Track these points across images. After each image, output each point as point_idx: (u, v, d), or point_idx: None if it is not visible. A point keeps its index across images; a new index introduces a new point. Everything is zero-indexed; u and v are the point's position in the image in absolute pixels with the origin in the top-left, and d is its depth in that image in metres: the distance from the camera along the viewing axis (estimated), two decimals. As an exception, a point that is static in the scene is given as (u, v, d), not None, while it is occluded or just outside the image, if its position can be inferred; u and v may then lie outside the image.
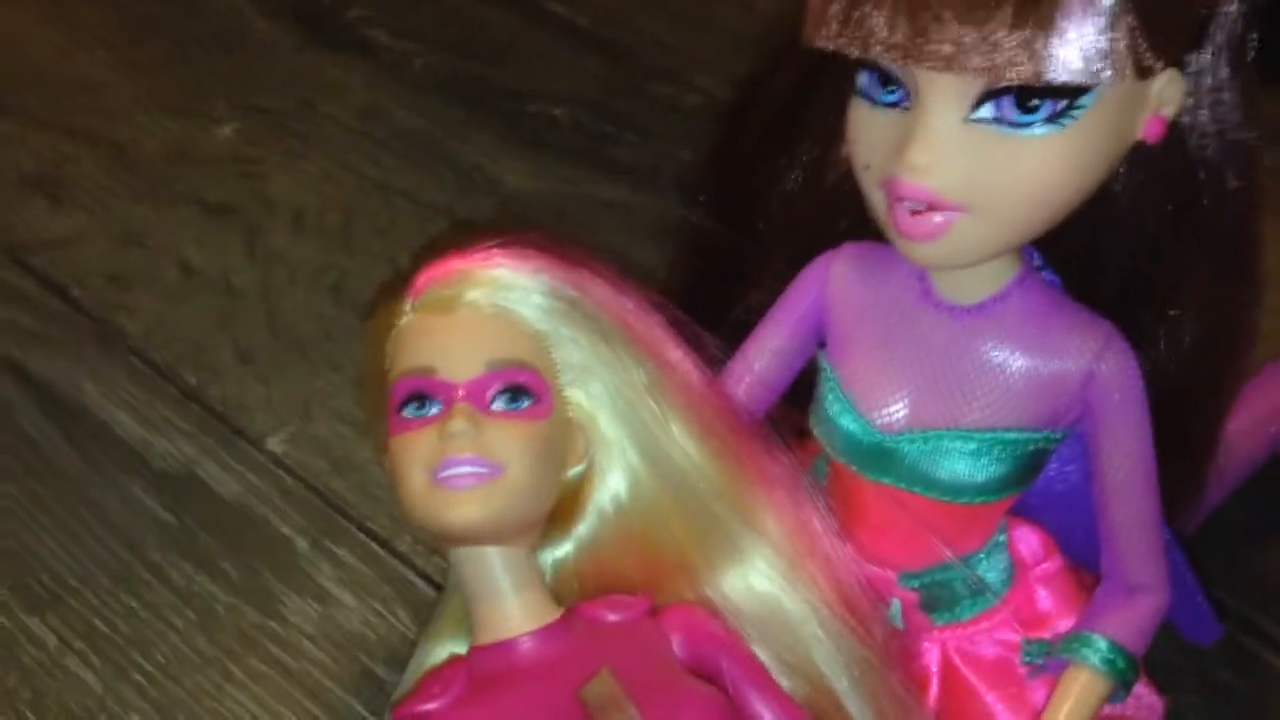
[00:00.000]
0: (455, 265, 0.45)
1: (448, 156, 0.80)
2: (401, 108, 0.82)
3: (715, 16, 0.88)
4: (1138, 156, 0.44)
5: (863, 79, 0.43)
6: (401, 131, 0.81)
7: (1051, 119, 0.40)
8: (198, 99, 0.82)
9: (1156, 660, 0.54)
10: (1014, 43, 0.38)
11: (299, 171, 0.78)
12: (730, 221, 0.54)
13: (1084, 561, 0.50)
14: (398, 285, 0.46)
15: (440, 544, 0.47)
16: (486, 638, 0.44)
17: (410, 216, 0.76)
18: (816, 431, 0.48)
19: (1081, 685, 0.47)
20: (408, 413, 0.44)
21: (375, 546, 0.62)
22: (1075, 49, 0.39)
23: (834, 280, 0.48)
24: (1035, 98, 0.40)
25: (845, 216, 0.48)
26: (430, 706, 0.44)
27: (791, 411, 0.49)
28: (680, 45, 0.86)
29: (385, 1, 0.88)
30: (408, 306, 0.45)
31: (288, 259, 0.74)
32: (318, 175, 0.78)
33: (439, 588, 0.60)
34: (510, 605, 0.44)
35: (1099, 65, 0.39)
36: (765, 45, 0.52)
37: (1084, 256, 0.47)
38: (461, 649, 0.47)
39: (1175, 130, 0.44)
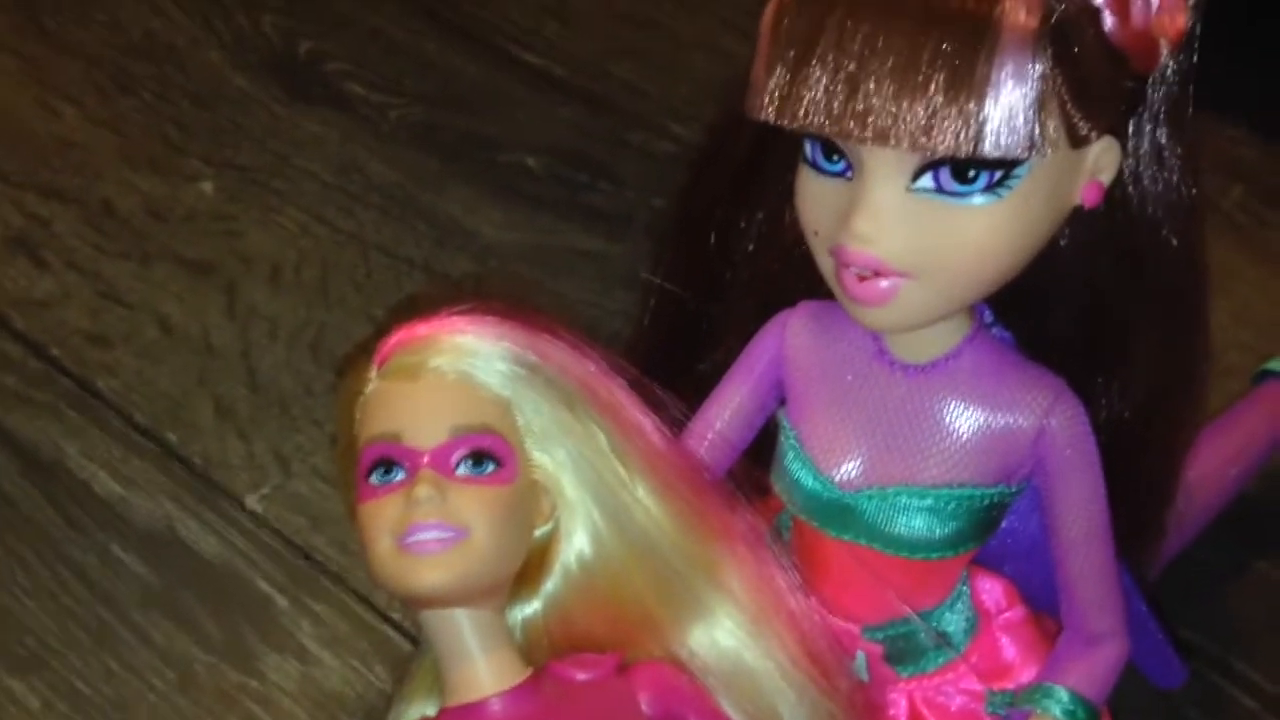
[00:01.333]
0: (419, 332, 0.46)
1: (423, 209, 0.81)
2: (377, 161, 0.83)
3: (689, 63, 0.89)
4: (1082, 217, 0.45)
5: (808, 148, 0.44)
6: (377, 185, 0.82)
7: (989, 188, 0.42)
8: (176, 156, 0.83)
9: (1128, 703, 0.55)
10: (946, 116, 0.39)
11: (276, 227, 0.79)
12: (693, 278, 0.55)
13: (1047, 608, 0.51)
14: (369, 346, 0.47)
15: (410, 607, 0.47)
16: (456, 699, 0.45)
17: (386, 270, 0.77)
18: (778, 488, 0.49)
19: (1044, 735, 0.48)
20: (374, 479, 0.44)
21: (353, 603, 0.62)
22: (1007, 121, 0.40)
23: (791, 338, 0.49)
24: (971, 169, 0.41)
25: (805, 273, 0.49)
26: (401, 768, 0.44)
27: (754, 469, 0.50)
28: (655, 93, 0.87)
29: (362, 55, 0.90)
30: (373, 373, 0.46)
31: (266, 315, 0.75)
32: (295, 230, 0.79)
33: (416, 642, 0.60)
34: (479, 666, 0.45)
35: (1031, 137, 0.40)
36: (732, 96, 0.53)
37: (1035, 313, 0.48)
38: (433, 710, 0.47)
39: (1117, 190, 0.45)
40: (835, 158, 0.43)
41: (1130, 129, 0.45)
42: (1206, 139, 0.47)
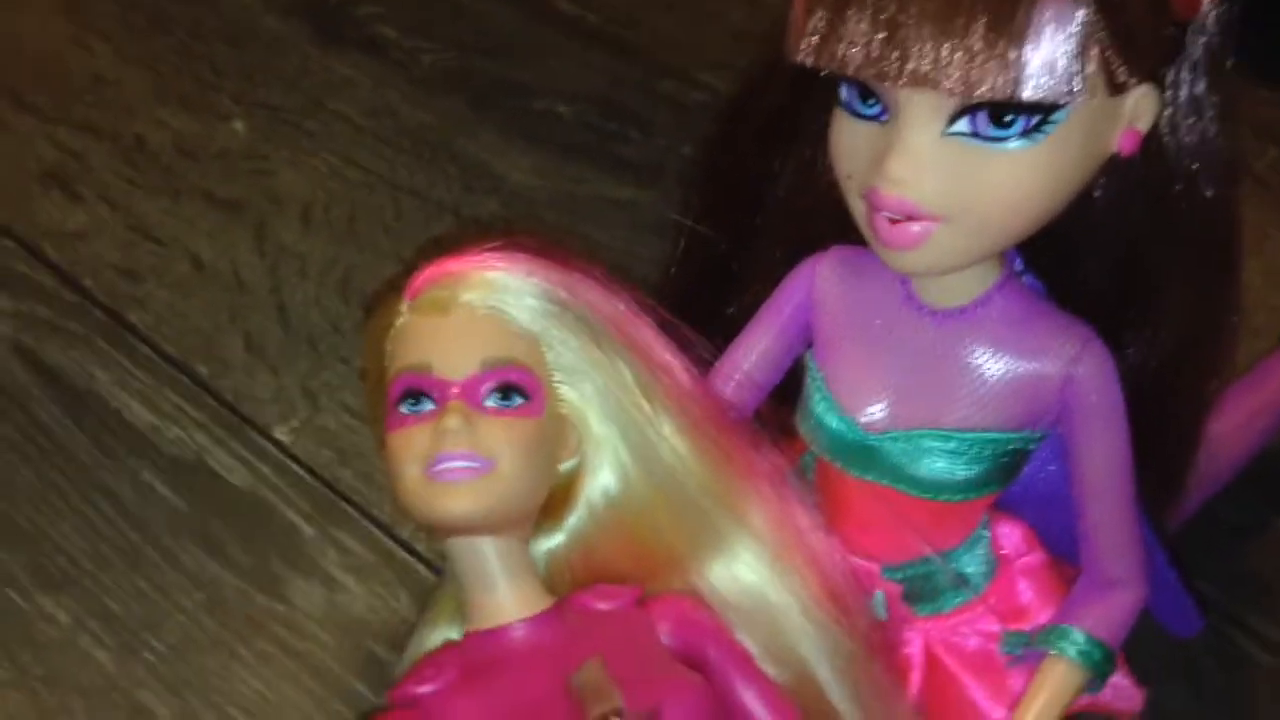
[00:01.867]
0: (451, 267, 0.47)
1: (454, 153, 0.81)
2: (409, 104, 0.84)
3: (724, 13, 0.88)
4: (1117, 166, 0.45)
5: (844, 92, 0.44)
6: (409, 128, 0.82)
7: (1026, 133, 0.42)
8: (208, 94, 0.84)
9: (1142, 652, 0.56)
10: (987, 60, 0.39)
11: (307, 167, 0.80)
12: (723, 223, 0.55)
13: (1065, 555, 0.52)
14: (398, 283, 0.48)
15: (436, 535, 0.48)
16: (480, 625, 0.46)
17: (416, 213, 0.78)
18: (802, 429, 0.50)
19: (1058, 676, 0.48)
20: (404, 409, 0.45)
21: (379, 533, 0.63)
22: (1047, 66, 0.40)
23: (821, 282, 0.49)
24: (1009, 113, 0.41)
25: (836, 218, 0.49)
26: (424, 689, 0.45)
27: (779, 410, 0.50)
28: (688, 42, 0.87)
29: (394, -1, 0.90)
30: (405, 307, 0.47)
31: (296, 253, 0.75)
32: (325, 171, 0.80)
33: (439, 573, 0.61)
34: (503, 594, 0.45)
35: (1071, 82, 0.40)
36: (770, 43, 0.53)
37: (1066, 262, 0.48)
38: (457, 635, 0.48)
39: (1153, 141, 0.45)
40: (871, 101, 0.43)
41: (1169, 78, 0.44)
42: (1242, 100, 0.46)
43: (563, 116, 0.83)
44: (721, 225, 0.55)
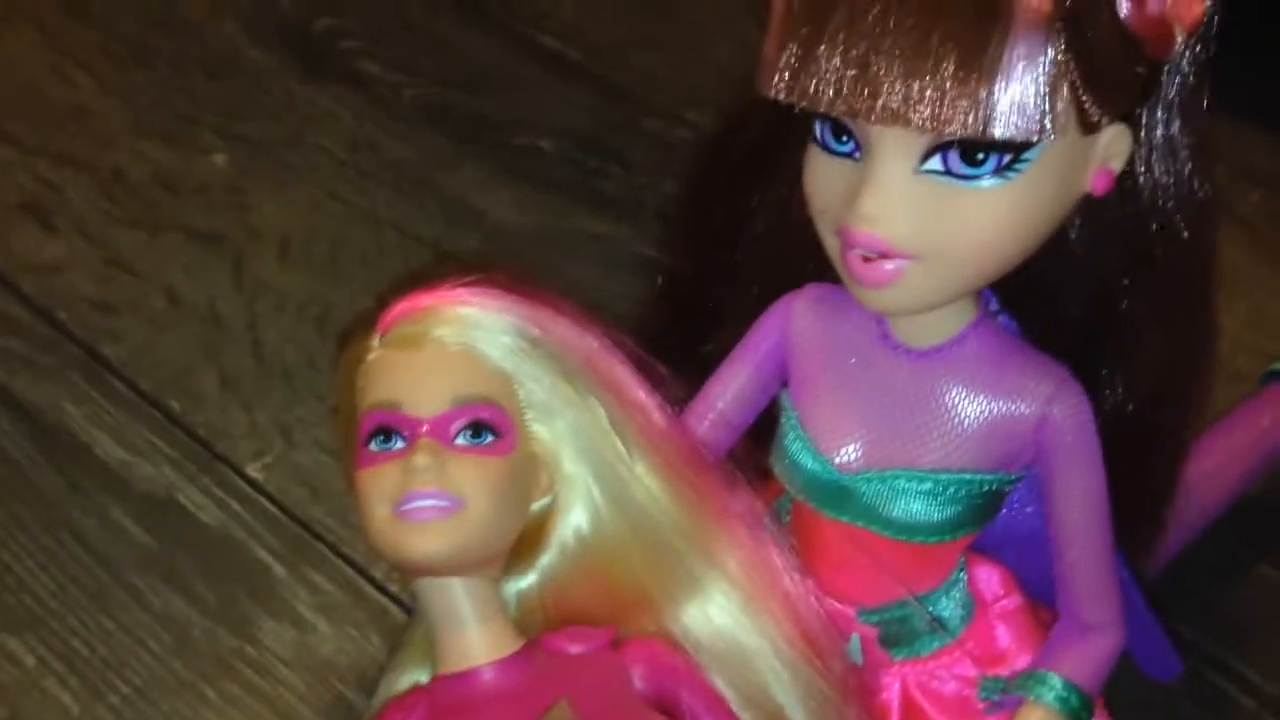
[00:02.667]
0: (423, 302, 0.46)
1: (435, 188, 0.81)
2: (391, 139, 0.83)
3: (710, 52, 0.89)
4: (1091, 206, 0.45)
5: (817, 128, 0.44)
6: (390, 163, 0.82)
7: (998, 172, 0.42)
8: (188, 127, 0.84)
9: (1125, 697, 0.55)
10: (957, 98, 0.39)
11: (287, 201, 0.80)
12: (700, 260, 0.55)
13: (1043, 598, 0.51)
14: (371, 318, 0.47)
15: (406, 574, 0.47)
16: (449, 667, 0.45)
17: (396, 248, 0.77)
18: (777, 470, 0.49)
19: (1035, 723, 0.48)
20: (374, 446, 0.45)
21: (352, 573, 0.63)
22: (1018, 104, 0.40)
23: (796, 320, 0.49)
24: (981, 151, 0.41)
25: (812, 257, 0.49)
26: (391, 735, 0.45)
27: (754, 450, 0.50)
28: (674, 81, 0.87)
29: (377, 33, 0.90)
30: (376, 342, 0.46)
31: (274, 288, 0.75)
32: (306, 205, 0.79)
33: (412, 614, 0.60)
34: (472, 635, 0.45)
35: (1042, 121, 0.40)
36: (752, 81, 0.53)
37: (1041, 301, 0.48)
38: (425, 678, 0.47)
39: (1128, 181, 0.45)
40: (844, 138, 0.43)
41: (1144, 118, 0.44)
42: (1225, 144, 0.46)
43: (544, 152, 0.83)
44: (698, 262, 0.55)
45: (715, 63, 0.88)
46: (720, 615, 0.47)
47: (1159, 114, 0.44)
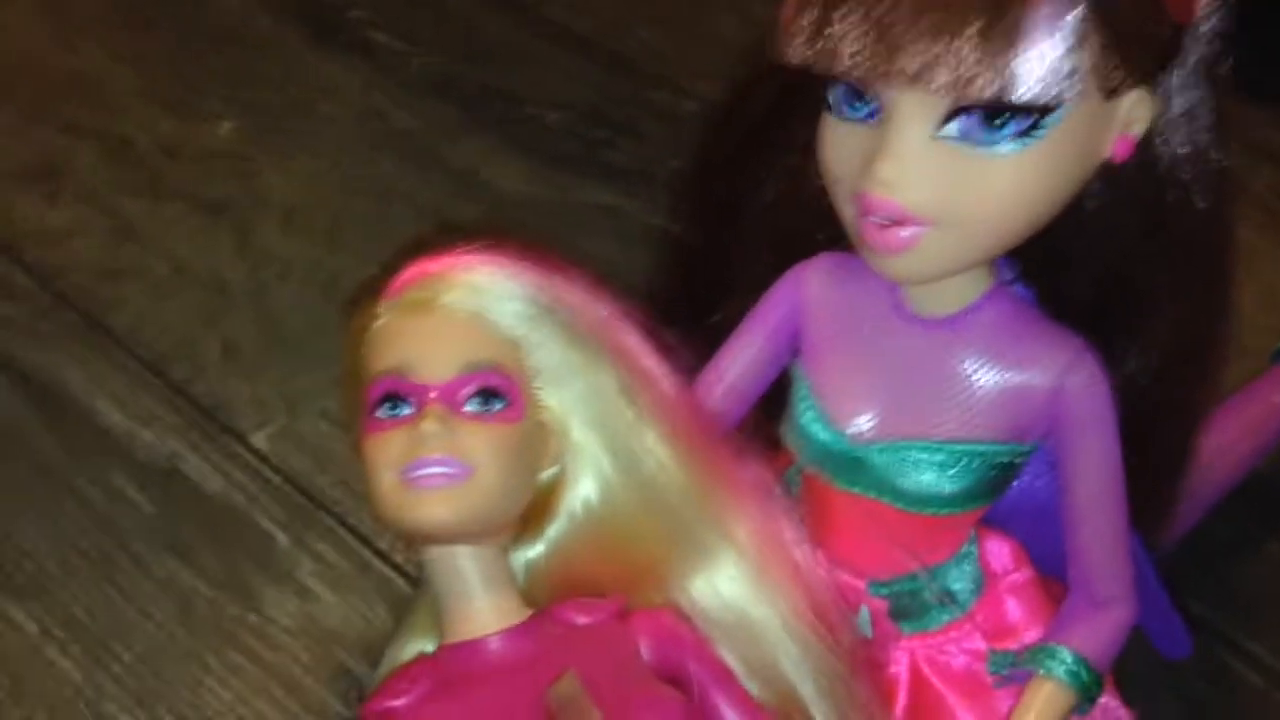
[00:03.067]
0: (431, 268, 0.46)
1: (442, 159, 0.80)
2: (398, 109, 0.83)
3: (715, 25, 0.88)
4: (1109, 174, 0.45)
5: (834, 93, 0.43)
6: (397, 133, 0.82)
7: (1018, 136, 0.41)
8: (195, 94, 0.83)
9: (1133, 672, 0.55)
10: (980, 60, 0.39)
11: (292, 169, 0.79)
12: (711, 230, 0.54)
13: (1054, 572, 0.51)
14: (379, 284, 0.47)
15: (412, 543, 0.47)
16: (455, 636, 0.45)
17: (402, 218, 0.77)
18: (788, 440, 0.49)
19: (1046, 696, 0.47)
20: (381, 413, 0.44)
21: (355, 543, 0.62)
22: (1041, 68, 0.39)
23: (808, 290, 0.49)
24: (1001, 115, 0.41)
25: (823, 227, 0.48)
26: (396, 703, 0.44)
27: (765, 421, 0.49)
28: (678, 53, 0.87)
29: (385, 3, 0.89)
30: (384, 308, 0.46)
31: (279, 257, 0.74)
32: (311, 174, 0.79)
33: (417, 585, 0.60)
34: (479, 605, 0.44)
35: (1064, 84, 0.39)
36: (759, 53, 0.53)
37: (1057, 271, 0.47)
38: (431, 647, 0.47)
39: (1147, 149, 0.45)
40: (861, 103, 0.43)
41: (1164, 84, 0.44)
42: (1237, 122, 0.46)
43: (551, 124, 0.83)
44: (708, 233, 0.55)
45: (719, 35, 0.87)
46: (729, 587, 0.46)
47: (1180, 81, 0.44)
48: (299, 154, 0.80)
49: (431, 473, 0.43)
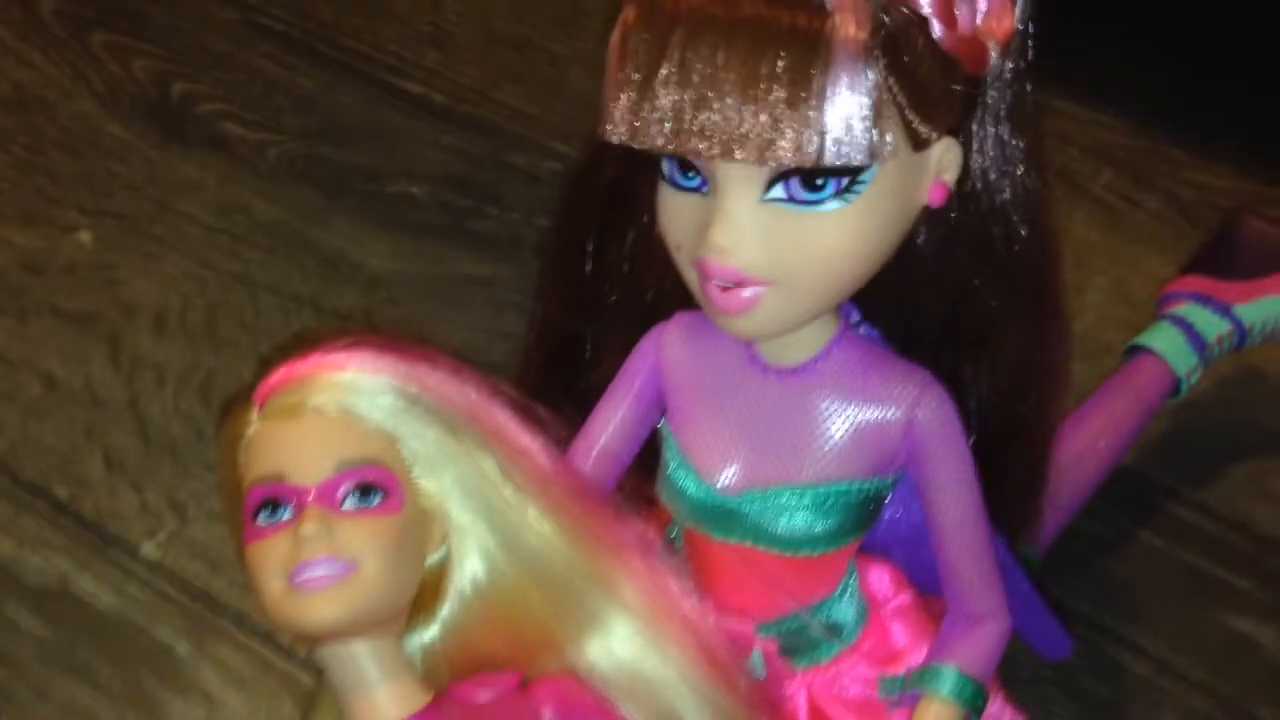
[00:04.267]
0: (298, 371, 0.46)
1: (309, 245, 0.80)
2: (259, 199, 0.83)
3: (569, 83, 0.90)
4: (936, 216, 0.47)
5: (666, 166, 0.45)
6: (261, 224, 0.81)
7: (839, 194, 0.43)
8: (50, 207, 0.82)
9: (1022, 675, 0.57)
10: (788, 129, 0.41)
11: (159, 273, 0.79)
12: (571, 299, 0.56)
13: (936, 591, 0.52)
14: (249, 392, 0.47)
15: (307, 644, 0.47)
16: (359, 731, 0.45)
17: (274, 309, 0.77)
18: (663, 498, 0.50)
19: (934, 715, 0.49)
20: (261, 520, 0.45)
21: (256, 643, 0.62)
22: (846, 130, 0.41)
23: (667, 350, 0.50)
24: (819, 177, 0.43)
25: (679, 287, 0.50)
26: (308, 804, 0.44)
27: (641, 481, 0.51)
28: (536, 114, 0.88)
29: (237, 94, 0.89)
30: (254, 415, 0.46)
31: (152, 363, 0.74)
32: (178, 275, 0.79)
33: (320, 677, 0.60)
34: (380, 696, 0.45)
35: (870, 144, 0.41)
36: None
37: (900, 309, 0.50)
38: (338, 743, 0.47)
39: (967, 186, 0.47)
40: (691, 174, 0.44)
41: (974, 128, 0.46)
42: (1076, 125, 0.48)
43: (416, 197, 0.84)
44: (571, 301, 0.56)
45: (576, 92, 0.89)
46: (623, 647, 0.47)
47: (987, 123, 0.46)
48: (162, 257, 0.79)
49: (316, 576, 0.43)
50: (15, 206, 0.82)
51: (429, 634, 0.47)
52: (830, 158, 0.41)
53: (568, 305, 0.55)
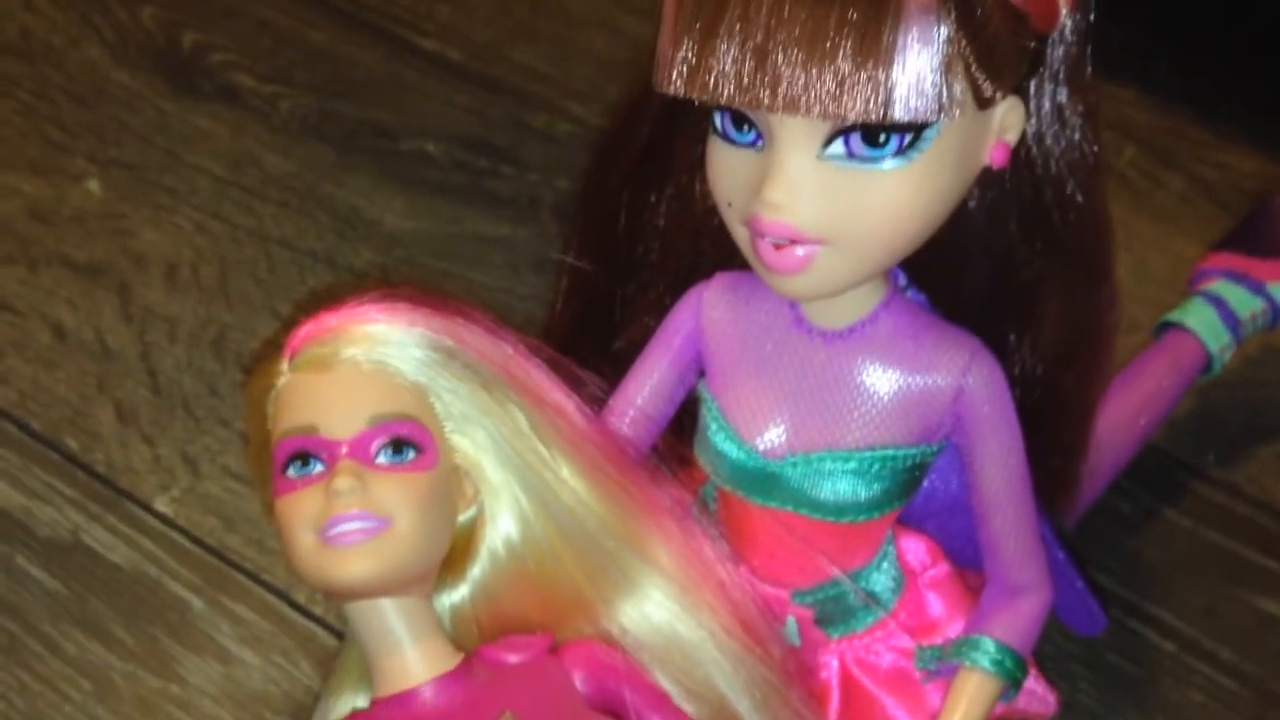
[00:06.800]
0: (330, 323, 0.45)
1: (323, 200, 0.79)
2: (272, 153, 0.81)
3: (586, 43, 0.88)
4: (990, 178, 0.46)
5: (718, 120, 0.44)
6: (273, 178, 0.80)
7: (899, 153, 0.42)
8: (58, 156, 0.81)
9: (1048, 651, 0.56)
10: (855, 83, 0.40)
11: (170, 225, 0.77)
12: (604, 258, 0.55)
13: (970, 564, 0.52)
14: (277, 342, 0.46)
15: (335, 600, 0.47)
16: (387, 690, 0.44)
17: (288, 264, 0.76)
18: (701, 460, 0.49)
19: (973, 686, 0.49)
20: (292, 473, 0.44)
21: (274, 600, 0.61)
22: (915, 85, 0.40)
23: (707, 310, 0.49)
24: (881, 134, 0.42)
25: (718, 246, 0.49)
26: (336, 765, 0.44)
27: (676, 442, 0.50)
28: (553, 74, 0.87)
29: (248, 45, 0.87)
30: (285, 366, 0.45)
31: (164, 315, 0.73)
32: (189, 228, 0.77)
33: (341, 636, 0.59)
34: (409, 655, 0.44)
35: (939, 100, 0.40)
36: (634, 70, 0.53)
37: (949, 275, 0.49)
38: (363, 702, 0.47)
39: (1022, 151, 0.46)
40: (746, 128, 0.43)
41: (1032, 89, 0.45)
42: (1102, 99, 0.48)
43: (432, 156, 0.82)
44: (603, 260, 0.55)
45: (592, 52, 0.87)
46: (656, 611, 0.47)
47: (1047, 84, 0.45)
48: (173, 209, 0.78)
49: (349, 529, 0.43)
50: (22, 154, 0.81)
51: (458, 594, 0.47)
52: (898, 114, 0.40)
53: (601, 264, 0.55)
